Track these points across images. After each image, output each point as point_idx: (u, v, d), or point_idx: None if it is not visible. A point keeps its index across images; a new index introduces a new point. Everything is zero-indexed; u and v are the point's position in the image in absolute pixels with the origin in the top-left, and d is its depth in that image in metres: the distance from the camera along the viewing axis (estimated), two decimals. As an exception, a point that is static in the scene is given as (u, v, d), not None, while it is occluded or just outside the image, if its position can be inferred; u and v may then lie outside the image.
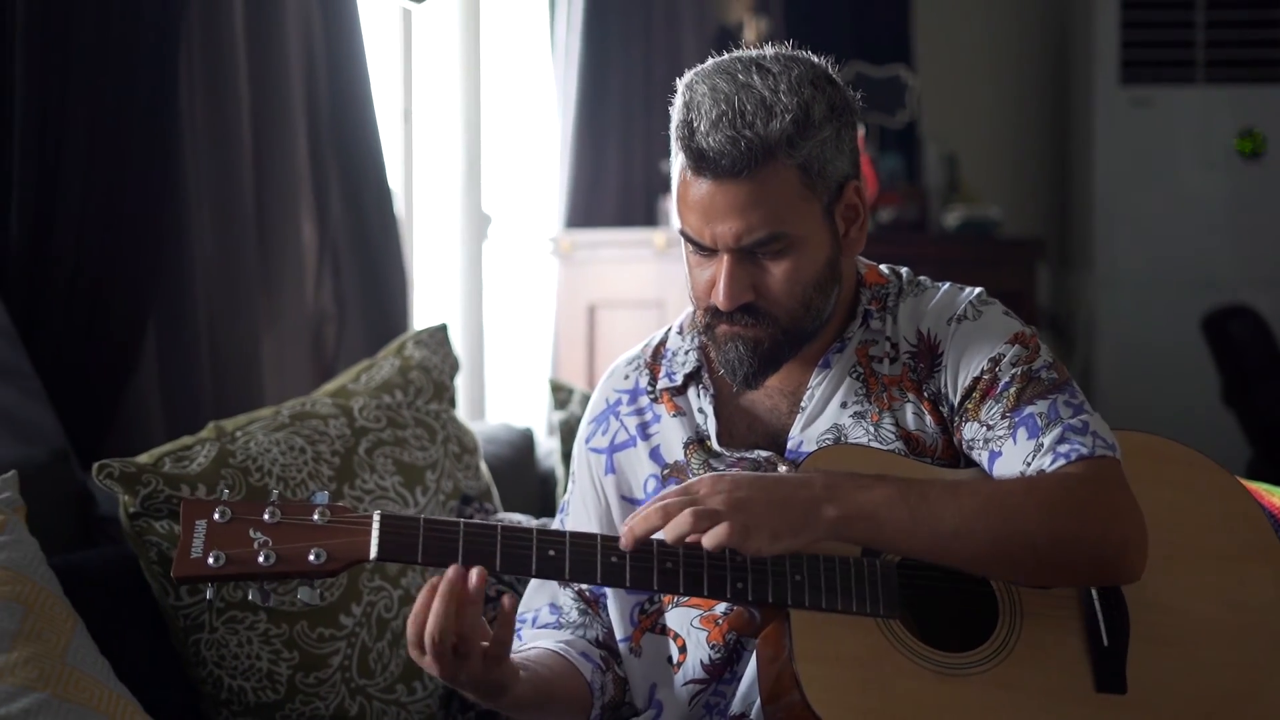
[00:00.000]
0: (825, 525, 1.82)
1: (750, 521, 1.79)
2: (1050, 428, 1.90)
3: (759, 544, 1.79)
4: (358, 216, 3.49)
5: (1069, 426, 1.90)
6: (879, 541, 1.86)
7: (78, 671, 1.98)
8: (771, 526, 1.80)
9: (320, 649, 2.38)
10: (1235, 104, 6.00)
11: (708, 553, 1.81)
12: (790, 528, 1.81)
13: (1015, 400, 1.92)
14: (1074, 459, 1.88)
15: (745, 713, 1.96)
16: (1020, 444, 1.90)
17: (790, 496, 1.83)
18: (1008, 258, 4.74)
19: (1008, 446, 1.91)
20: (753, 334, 1.95)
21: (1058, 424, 1.90)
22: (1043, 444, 1.89)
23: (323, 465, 2.46)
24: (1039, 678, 1.89)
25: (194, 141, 3.05)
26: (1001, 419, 1.92)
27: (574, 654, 2.03)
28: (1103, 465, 1.89)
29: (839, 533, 1.83)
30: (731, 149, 1.86)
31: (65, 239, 2.74)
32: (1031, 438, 1.90)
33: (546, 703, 1.95)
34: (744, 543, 1.78)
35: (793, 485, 1.84)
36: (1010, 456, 1.90)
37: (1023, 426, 1.91)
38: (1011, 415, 1.92)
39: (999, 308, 2.02)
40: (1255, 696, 1.95)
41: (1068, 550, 1.86)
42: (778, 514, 1.81)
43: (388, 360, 2.74)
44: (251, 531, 1.79)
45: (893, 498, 1.84)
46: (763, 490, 1.82)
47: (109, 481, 2.31)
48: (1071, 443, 1.89)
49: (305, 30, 3.36)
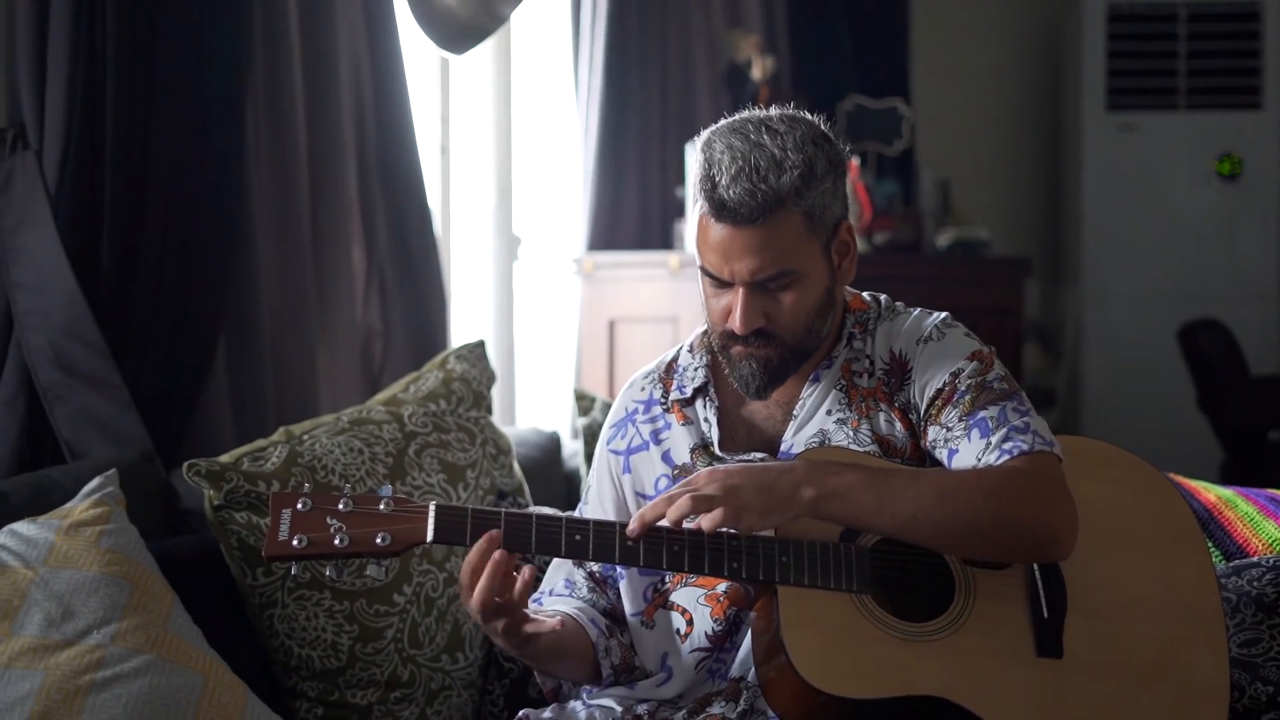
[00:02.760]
0: (804, 504, 1.99)
1: (741, 504, 1.97)
2: (998, 429, 2.06)
3: (750, 522, 1.97)
4: (401, 241, 3.57)
5: (1014, 428, 2.06)
6: (849, 519, 2.02)
7: (177, 637, 2.16)
8: (759, 507, 1.98)
9: (377, 623, 2.49)
10: (1214, 129, 6.02)
11: (708, 537, 1.98)
12: (775, 507, 1.98)
13: (970, 406, 2.09)
14: (1016, 454, 2.04)
15: (742, 676, 2.12)
16: (974, 442, 2.07)
17: (775, 481, 2.00)
18: (996, 275, 4.76)
19: (963, 445, 2.07)
20: (764, 354, 2.11)
21: (1004, 426, 2.06)
22: (991, 442, 2.05)
23: (378, 464, 2.57)
24: (988, 644, 2.02)
25: (259, 177, 3.15)
26: (958, 422, 2.09)
27: (584, 618, 2.19)
28: (1040, 459, 2.05)
29: (815, 510, 1.99)
30: (749, 199, 2.02)
31: (148, 266, 2.85)
32: (983, 437, 2.06)
33: (560, 654, 2.12)
34: (737, 521, 1.96)
35: (777, 471, 2.01)
36: (965, 453, 2.07)
37: (976, 428, 2.07)
38: (967, 419, 2.08)
39: (961, 330, 2.19)
40: (1174, 661, 2.09)
41: (1008, 531, 2.01)
42: (765, 496, 1.98)
43: (433, 373, 2.83)
44: (329, 519, 1.95)
45: (861, 482, 2.01)
46: (751, 477, 2.00)
47: (196, 478, 2.44)
48: (1015, 441, 2.05)
49: (355, 77, 3.46)
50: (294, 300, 3.27)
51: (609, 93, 4.43)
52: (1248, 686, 2.29)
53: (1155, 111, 6.06)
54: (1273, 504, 2.59)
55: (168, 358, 2.91)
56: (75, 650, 2.09)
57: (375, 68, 3.51)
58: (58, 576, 2.15)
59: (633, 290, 4.34)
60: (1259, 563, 2.44)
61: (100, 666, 2.08)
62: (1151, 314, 5.97)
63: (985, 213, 5.77)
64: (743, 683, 2.13)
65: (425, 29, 3.61)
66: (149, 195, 2.88)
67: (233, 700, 2.15)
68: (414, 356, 3.54)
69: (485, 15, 3.62)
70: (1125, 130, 6.06)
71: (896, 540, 2.06)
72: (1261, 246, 6.09)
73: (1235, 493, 2.65)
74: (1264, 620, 2.34)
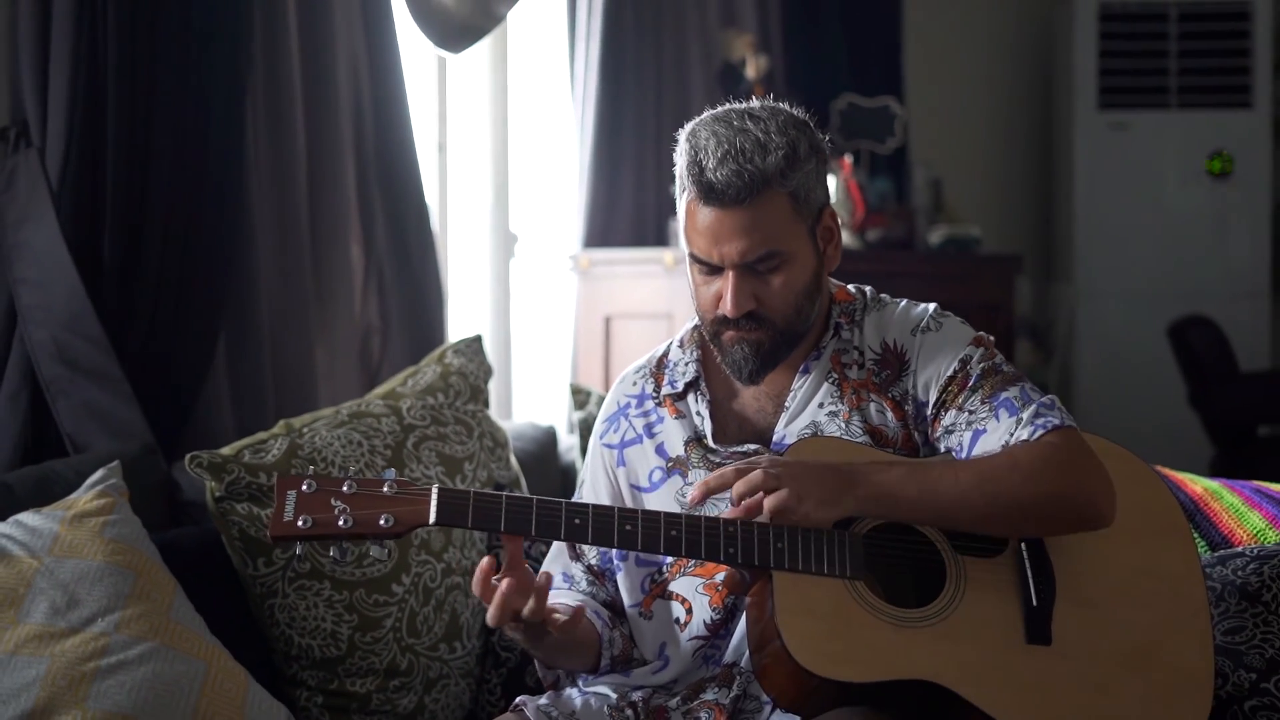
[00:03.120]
0: (855, 501, 2.03)
1: (804, 490, 2.01)
2: (1026, 407, 2.11)
3: (808, 509, 2.01)
4: (399, 239, 3.60)
5: (1041, 404, 2.12)
6: (894, 514, 2.06)
7: (180, 625, 2.20)
8: (818, 496, 2.01)
9: (376, 613, 2.51)
10: (1205, 128, 6.05)
11: (706, 522, 2.01)
12: (832, 499, 2.02)
13: (991, 389, 2.13)
14: (1050, 429, 2.08)
15: (736, 661, 2.16)
16: (1003, 421, 2.11)
17: (831, 477, 2.04)
18: (987, 271, 4.78)
19: (991, 424, 2.11)
20: (755, 337, 2.14)
21: (1031, 404, 2.11)
22: (1021, 419, 2.10)
23: (377, 457, 2.59)
24: (978, 630, 2.05)
25: (258, 174, 3.18)
26: (982, 404, 2.13)
27: (589, 610, 2.22)
28: (1070, 434, 2.10)
29: (863, 507, 2.04)
30: (736, 180, 2.06)
31: (150, 262, 2.89)
32: (1011, 415, 2.10)
33: (569, 647, 2.15)
34: (798, 506, 2.00)
35: (832, 468, 2.05)
36: (994, 432, 2.11)
37: (1002, 408, 2.12)
38: (990, 400, 2.12)
39: (955, 319, 2.23)
40: (1160, 647, 2.12)
41: (1050, 506, 2.06)
42: (823, 488, 2.02)
43: (430, 367, 2.85)
44: (333, 500, 1.96)
45: (904, 477, 2.05)
46: (811, 470, 2.04)
47: (198, 470, 2.47)
48: (1046, 417, 2.10)
49: (354, 76, 3.48)
50: (293, 296, 3.30)
51: (604, 91, 4.45)
52: (1231, 674, 2.32)
53: (1146, 110, 6.09)
54: (1258, 495, 2.62)
55: (169, 352, 2.95)
56: (80, 638, 2.13)
57: (373, 67, 3.53)
58: (62, 566, 2.19)
59: (628, 287, 4.37)
60: (1243, 552, 2.46)
61: (104, 654, 2.12)
62: (1143, 311, 6.00)
63: (977, 210, 5.78)
64: (735, 669, 2.16)
65: (423, 28, 3.62)
66: (150, 192, 2.91)
67: (234, 687, 2.19)
68: (412, 352, 3.57)
69: (482, 14, 3.64)
70: (1117, 129, 6.09)
71: (887, 527, 2.09)
72: (1251, 244, 6.13)
73: (1221, 484, 2.68)
74: (1247, 609, 2.37)
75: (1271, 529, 2.54)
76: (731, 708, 2.13)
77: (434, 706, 2.58)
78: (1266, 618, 2.36)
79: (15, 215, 2.77)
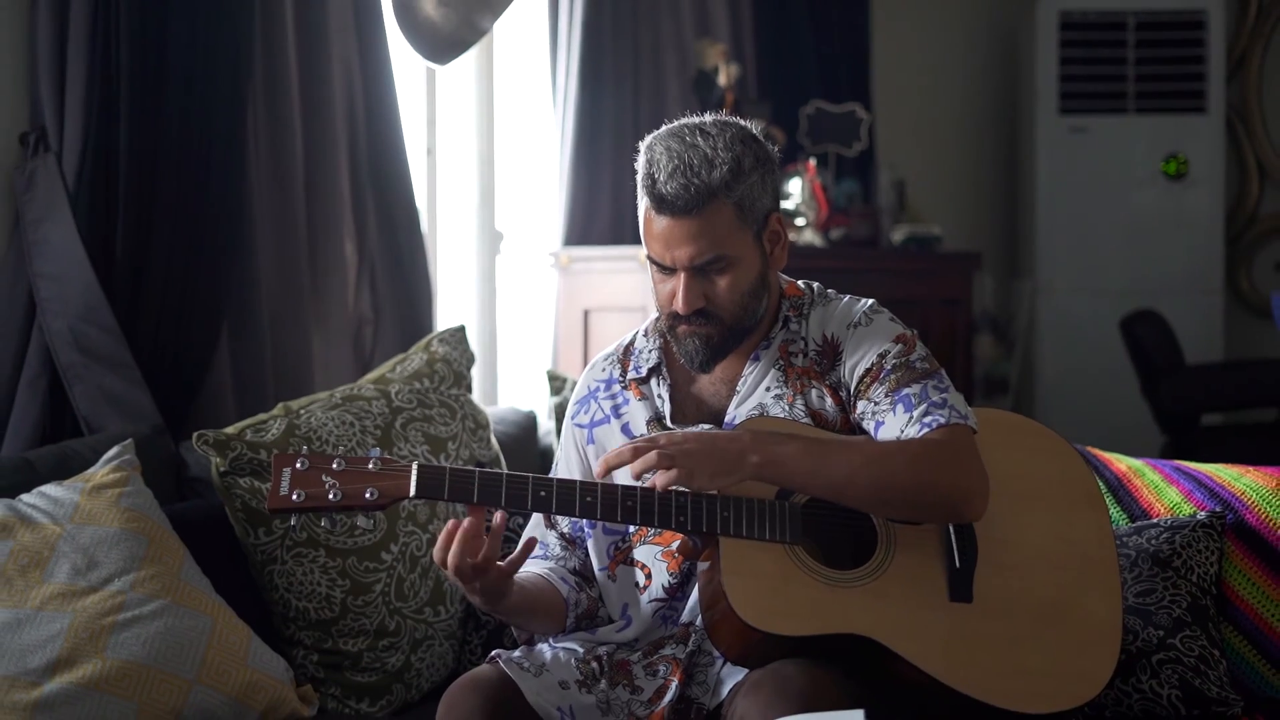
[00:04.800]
0: (749, 468, 2.15)
1: (693, 466, 2.12)
2: (919, 404, 2.21)
3: (700, 482, 2.13)
4: (390, 237, 3.66)
5: (933, 403, 2.22)
6: (787, 483, 2.17)
7: (189, 585, 2.35)
8: (710, 469, 2.13)
9: (366, 578, 2.63)
10: (1161, 131, 6.05)
11: (658, 494, 2.14)
12: (724, 470, 2.14)
13: (895, 384, 2.24)
14: (935, 427, 2.19)
15: (692, 621, 2.29)
16: (898, 416, 2.22)
17: (725, 447, 2.15)
18: (947, 268, 4.82)
19: (889, 418, 2.23)
20: (705, 331, 2.26)
21: (925, 402, 2.22)
22: (913, 416, 2.21)
23: (368, 436, 2.70)
24: (906, 589, 2.17)
25: (258, 176, 3.27)
26: (884, 397, 2.24)
27: (554, 577, 2.34)
28: (956, 431, 2.20)
29: (759, 474, 2.15)
30: (684, 193, 2.18)
31: (158, 258, 2.99)
32: (906, 411, 2.22)
33: (533, 608, 2.27)
34: (689, 481, 2.12)
35: (727, 439, 2.17)
36: (890, 425, 2.23)
37: (900, 403, 2.23)
38: (892, 395, 2.24)
39: (886, 315, 2.34)
40: (1072, 605, 2.25)
41: (926, 494, 2.17)
42: (715, 460, 2.14)
43: (418, 354, 2.95)
44: (324, 476, 2.10)
45: (800, 451, 2.16)
46: (705, 443, 2.15)
47: (205, 447, 2.58)
48: (934, 415, 2.20)
49: (348, 85, 3.56)
50: (291, 289, 3.38)
51: (584, 98, 4.47)
52: (1141, 630, 2.46)
53: (1105, 115, 6.08)
54: (1176, 473, 2.76)
55: (176, 341, 3.05)
56: (99, 595, 2.27)
57: (366, 76, 3.60)
58: (83, 532, 2.33)
59: (606, 282, 4.39)
60: (1158, 524, 2.62)
61: (121, 610, 2.26)
62: (1101, 306, 5.97)
63: (943, 210, 5.76)
64: (691, 627, 2.29)
65: (411, 42, 3.67)
66: (159, 193, 3.01)
67: (238, 640, 2.34)
68: (402, 343, 3.63)
69: (466, 28, 3.64)
70: (1077, 132, 6.06)
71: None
72: (1205, 243, 6.11)
73: (1144, 463, 2.82)
74: (1159, 573, 2.52)
75: (1187, 503, 2.69)
76: (687, 662, 2.25)
77: (420, 665, 2.69)
78: (1175, 581, 2.52)
79: (34, 214, 2.87)
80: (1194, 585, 2.53)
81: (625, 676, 2.28)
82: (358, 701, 2.63)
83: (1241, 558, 2.58)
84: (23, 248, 2.89)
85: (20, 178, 2.90)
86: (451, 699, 2.20)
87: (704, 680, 2.26)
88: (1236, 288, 6.40)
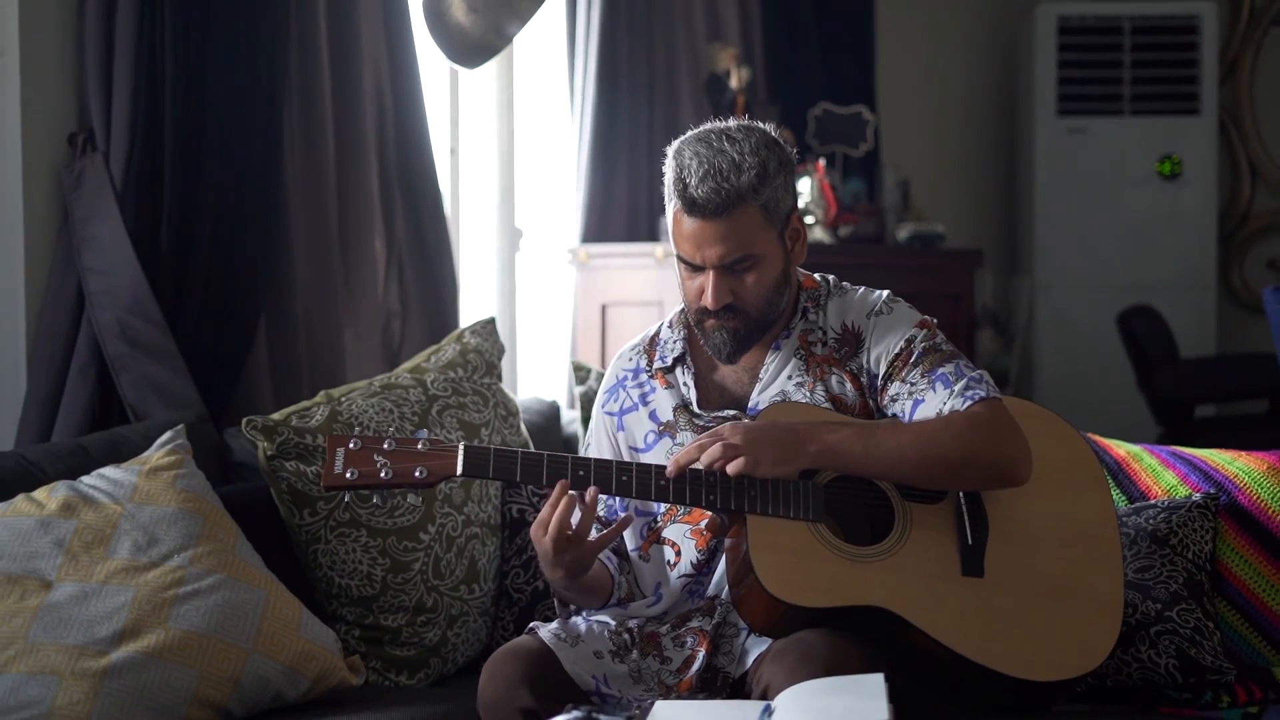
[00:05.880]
0: (808, 457, 2.25)
1: (759, 454, 2.22)
2: (958, 381, 2.31)
3: (765, 469, 2.22)
4: (417, 233, 3.71)
5: (972, 378, 2.32)
6: (842, 467, 2.26)
7: (243, 561, 2.43)
8: (773, 457, 2.23)
9: (405, 557, 2.70)
10: (1156, 133, 6.10)
11: (689, 474, 2.22)
12: (785, 458, 2.24)
13: (930, 365, 2.34)
14: (976, 400, 2.30)
15: (718, 595, 2.38)
16: (939, 393, 2.32)
17: (785, 438, 2.25)
18: (950, 265, 4.86)
19: (929, 395, 2.32)
20: (732, 325, 2.35)
21: (963, 378, 2.32)
22: (954, 390, 2.31)
23: (405, 422, 2.77)
24: (920, 564, 2.26)
25: (293, 176, 3.33)
26: (921, 378, 2.34)
27: (603, 557, 2.43)
28: (995, 405, 2.31)
29: (816, 462, 2.25)
30: (715, 197, 2.27)
31: (201, 253, 3.06)
32: (946, 388, 2.31)
33: (593, 587, 2.37)
34: (755, 468, 2.21)
35: (786, 430, 2.26)
36: (931, 402, 2.32)
37: (939, 381, 2.33)
38: (929, 375, 2.33)
39: (904, 304, 2.43)
40: (1078, 582, 2.33)
41: (974, 464, 2.27)
42: (778, 449, 2.23)
43: (451, 345, 3.01)
44: (376, 456, 2.19)
45: (851, 437, 2.26)
46: (767, 433, 2.25)
47: (253, 432, 2.66)
48: (975, 389, 2.31)
49: (377, 88, 3.62)
50: (324, 284, 3.45)
51: (601, 100, 4.51)
52: (1140, 604, 2.55)
53: (1102, 116, 6.13)
54: (1173, 458, 2.85)
55: (217, 332, 3.12)
56: (160, 570, 2.36)
57: (394, 80, 3.65)
58: (142, 511, 2.42)
59: (622, 278, 4.43)
60: (1156, 504, 2.71)
61: (181, 584, 2.35)
62: (1098, 302, 6.02)
63: (945, 209, 5.78)
64: (717, 600, 2.38)
65: (441, 46, 3.72)
66: (201, 192, 3.07)
67: (290, 612, 2.42)
68: (428, 335, 3.69)
69: (494, 34, 3.69)
70: (1075, 133, 6.11)
71: (848, 478, 2.30)
72: (1199, 240, 6.15)
73: (1142, 448, 2.91)
74: (1156, 551, 2.61)
75: (1183, 485, 2.78)
76: (713, 633, 2.34)
77: (455, 640, 2.77)
78: (1172, 558, 2.61)
79: (83, 212, 2.95)
80: (1189, 562, 2.62)
81: (655, 647, 2.37)
82: (397, 674, 2.71)
83: (1234, 536, 2.67)
84: (72, 243, 2.96)
85: (69, 177, 2.97)
86: (494, 667, 2.29)
87: (730, 650, 2.34)
88: (1229, 284, 6.47)
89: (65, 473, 2.54)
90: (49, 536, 2.36)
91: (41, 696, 2.19)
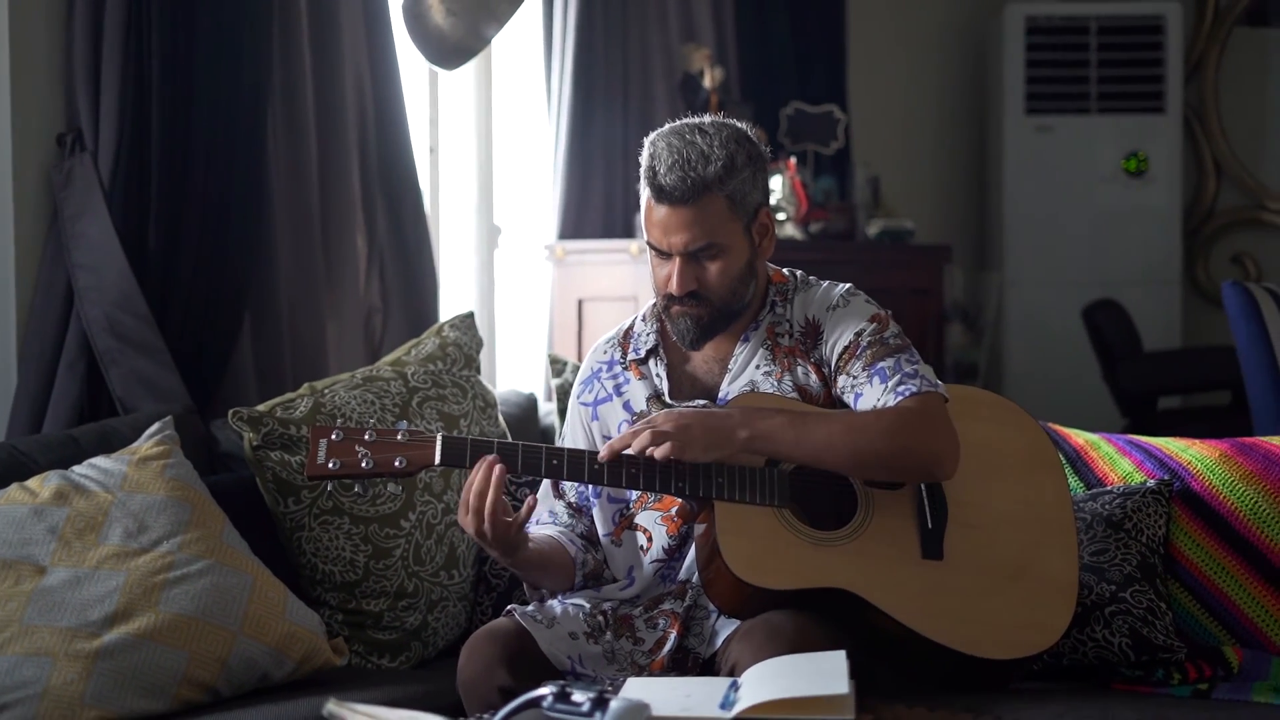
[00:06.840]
0: (739, 442, 2.29)
1: (688, 440, 2.26)
2: (893, 376, 2.36)
3: (694, 454, 2.27)
4: (398, 230, 3.75)
5: (906, 374, 2.36)
6: (774, 454, 2.31)
7: (230, 547, 2.48)
8: (703, 443, 2.27)
9: (387, 544, 2.74)
10: (1123, 131, 6.14)
11: (659, 462, 2.28)
12: (716, 444, 2.28)
13: (870, 359, 2.38)
14: (908, 395, 2.33)
15: (689, 579, 2.43)
16: (875, 387, 2.37)
17: (717, 424, 2.29)
18: (919, 260, 4.89)
19: (866, 389, 2.38)
20: (696, 312, 2.40)
21: (898, 373, 2.36)
22: (888, 386, 2.35)
23: (387, 414, 2.80)
24: (882, 548, 2.32)
25: (277, 174, 3.37)
26: (862, 371, 2.38)
27: (564, 539, 2.49)
28: (927, 399, 2.34)
29: (748, 447, 2.29)
30: (681, 185, 2.33)
31: (187, 250, 3.10)
32: (882, 383, 2.36)
33: (545, 564, 2.42)
34: (683, 454, 2.26)
35: (719, 415, 2.30)
36: (868, 396, 2.37)
37: (876, 376, 2.37)
38: (869, 369, 2.38)
39: (862, 298, 2.48)
40: (1034, 563, 2.40)
41: (901, 457, 2.31)
42: (708, 435, 2.28)
43: (431, 339, 3.03)
44: (357, 446, 2.23)
45: (784, 424, 2.30)
46: (699, 419, 2.29)
47: (239, 423, 2.70)
48: (907, 385, 2.35)
49: (358, 89, 3.66)
50: (307, 280, 3.49)
51: (577, 100, 4.54)
52: (1095, 586, 2.61)
53: (1069, 115, 6.16)
54: (1129, 445, 2.91)
55: (203, 327, 3.16)
56: (150, 556, 2.41)
57: (375, 81, 3.69)
58: (132, 499, 2.47)
59: (598, 273, 4.45)
60: (1112, 490, 2.77)
61: (171, 569, 2.40)
62: (1065, 297, 6.05)
63: (915, 205, 5.81)
64: (688, 584, 2.44)
65: (420, 48, 3.76)
66: (187, 190, 3.11)
67: (276, 596, 2.47)
68: (409, 329, 3.72)
69: (473, 37, 3.73)
70: (1042, 131, 6.14)
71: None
72: (1164, 236, 6.19)
73: (1100, 437, 2.97)
74: (1111, 535, 2.68)
75: (1138, 472, 2.84)
76: (685, 615, 2.40)
77: (435, 624, 2.82)
78: (1126, 542, 2.67)
79: (72, 210, 2.98)
80: (1143, 545, 2.68)
81: (628, 629, 2.42)
82: (379, 658, 2.76)
83: (1187, 521, 2.74)
84: (61, 241, 3.00)
85: (58, 175, 3.00)
86: (472, 647, 2.35)
87: (700, 632, 2.40)
88: (1194, 278, 6.52)
89: (57, 463, 2.58)
90: (42, 524, 2.41)
91: (36, 677, 2.24)
